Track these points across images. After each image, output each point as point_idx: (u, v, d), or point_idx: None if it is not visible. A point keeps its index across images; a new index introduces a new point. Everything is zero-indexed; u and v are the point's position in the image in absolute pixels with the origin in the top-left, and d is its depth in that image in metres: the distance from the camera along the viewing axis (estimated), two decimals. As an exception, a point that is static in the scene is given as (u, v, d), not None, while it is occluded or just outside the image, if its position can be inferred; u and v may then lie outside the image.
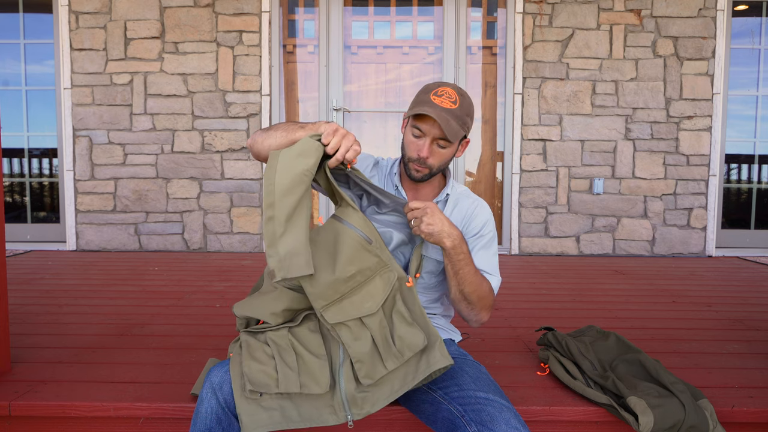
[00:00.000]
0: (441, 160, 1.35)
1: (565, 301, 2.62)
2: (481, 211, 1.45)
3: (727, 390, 1.52)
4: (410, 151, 1.35)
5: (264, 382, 1.11)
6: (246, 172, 3.92)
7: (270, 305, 1.22)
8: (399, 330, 1.17)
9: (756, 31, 4.06)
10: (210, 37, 3.85)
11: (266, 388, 1.11)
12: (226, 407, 1.11)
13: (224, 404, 1.11)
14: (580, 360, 1.52)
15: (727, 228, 4.15)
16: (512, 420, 1.07)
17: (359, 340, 1.15)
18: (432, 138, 1.31)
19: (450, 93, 1.30)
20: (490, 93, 4.06)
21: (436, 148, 1.32)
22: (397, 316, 1.19)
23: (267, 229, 1.09)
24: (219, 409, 1.11)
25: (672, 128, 3.92)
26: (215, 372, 1.16)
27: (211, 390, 1.13)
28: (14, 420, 1.41)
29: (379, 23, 4.04)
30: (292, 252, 1.08)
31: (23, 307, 2.33)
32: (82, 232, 3.95)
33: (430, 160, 1.33)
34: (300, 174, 1.11)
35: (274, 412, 1.11)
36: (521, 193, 3.95)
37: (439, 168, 1.37)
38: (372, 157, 1.51)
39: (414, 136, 1.33)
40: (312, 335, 1.19)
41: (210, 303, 2.46)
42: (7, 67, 4.05)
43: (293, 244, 1.09)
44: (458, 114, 1.29)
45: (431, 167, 1.34)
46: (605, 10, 3.86)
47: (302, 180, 1.11)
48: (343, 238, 1.18)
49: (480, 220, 1.43)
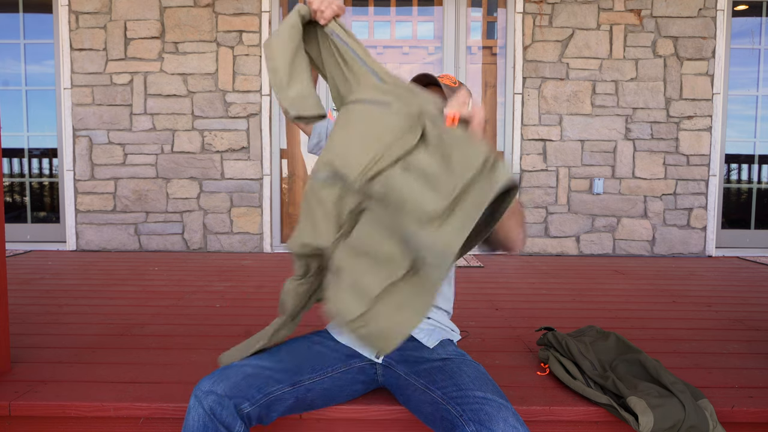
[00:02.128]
0: None
1: (565, 301, 2.62)
2: None
3: (727, 390, 1.52)
4: None
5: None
6: (246, 172, 3.92)
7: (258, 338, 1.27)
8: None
9: (756, 31, 4.06)
10: (210, 37, 3.85)
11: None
12: (212, 415, 1.10)
13: (210, 412, 1.11)
14: (580, 360, 1.52)
15: (727, 228, 4.15)
16: (510, 419, 1.07)
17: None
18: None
19: (451, 77, 1.36)
20: (490, 93, 4.06)
21: None
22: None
23: (274, 81, 1.16)
24: (206, 418, 1.10)
25: (672, 128, 3.92)
26: (204, 382, 1.15)
27: (195, 399, 1.12)
28: (14, 420, 1.41)
29: (379, 23, 4.04)
30: (301, 95, 1.15)
31: (23, 307, 2.33)
32: (82, 232, 3.95)
33: None
34: (288, 29, 1.17)
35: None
36: (521, 193, 3.95)
37: None
38: None
39: None
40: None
41: (210, 303, 2.46)
42: (7, 67, 4.06)
43: (300, 89, 1.15)
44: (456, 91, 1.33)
45: None
46: (605, 10, 3.86)
47: (291, 35, 1.17)
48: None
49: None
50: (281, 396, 1.19)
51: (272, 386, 1.18)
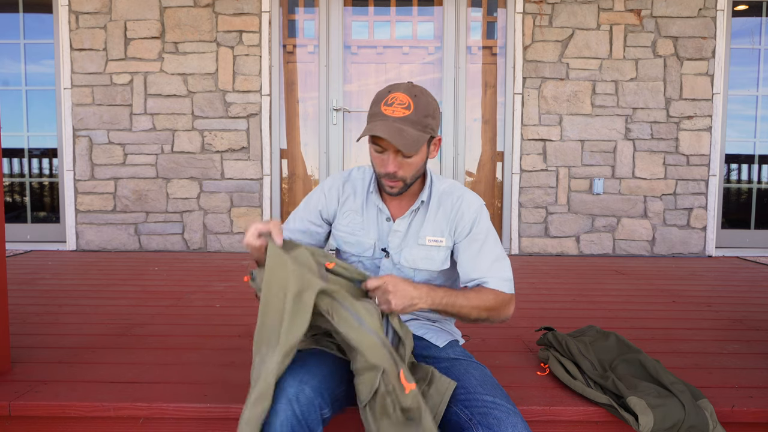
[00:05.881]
0: (412, 170, 1.28)
1: (565, 301, 2.62)
2: (467, 208, 1.34)
3: (727, 390, 1.52)
4: (378, 167, 1.29)
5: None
6: (246, 172, 3.92)
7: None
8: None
9: (756, 31, 4.06)
10: (210, 37, 3.85)
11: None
12: (302, 418, 1.04)
13: (300, 416, 1.04)
14: (580, 360, 1.52)
15: (727, 228, 4.15)
16: (519, 425, 1.08)
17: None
18: (394, 150, 1.24)
19: (401, 98, 1.22)
20: (490, 93, 4.06)
21: (402, 160, 1.25)
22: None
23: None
24: (294, 421, 1.04)
25: (672, 128, 3.92)
26: (290, 382, 1.07)
27: (287, 402, 1.04)
28: (14, 420, 1.41)
29: (379, 23, 4.04)
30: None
31: (23, 307, 2.33)
32: (82, 232, 3.95)
33: (400, 172, 1.26)
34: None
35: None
36: (521, 193, 3.95)
37: (414, 177, 1.30)
38: (339, 177, 1.45)
39: (376, 152, 1.27)
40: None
41: (210, 303, 2.46)
42: (7, 67, 4.05)
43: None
44: (414, 119, 1.21)
45: (404, 179, 1.28)
46: (605, 10, 3.86)
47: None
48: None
49: (467, 219, 1.34)
50: (340, 396, 1.18)
51: (339, 387, 1.18)
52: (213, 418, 1.39)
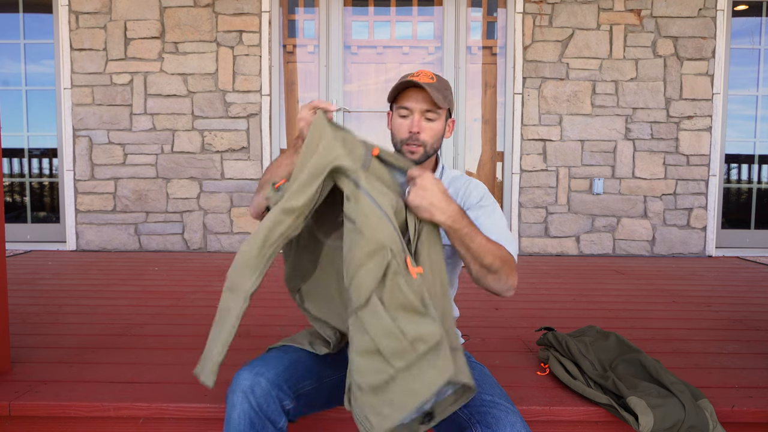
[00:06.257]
0: (433, 135, 1.33)
1: (565, 301, 2.62)
2: (476, 186, 1.38)
3: (727, 390, 1.52)
4: (401, 133, 1.34)
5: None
6: (246, 172, 3.92)
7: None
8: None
9: (756, 31, 4.06)
10: (210, 37, 3.85)
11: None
12: (259, 410, 1.08)
13: (257, 408, 1.08)
14: (580, 360, 1.52)
15: (727, 228, 4.15)
16: (518, 423, 1.08)
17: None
18: (420, 112, 1.31)
19: (426, 72, 1.33)
20: (490, 93, 4.06)
21: (425, 123, 1.32)
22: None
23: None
24: (252, 413, 1.08)
25: (672, 128, 3.92)
26: (244, 376, 1.12)
27: (242, 394, 1.09)
28: (14, 420, 1.41)
29: (379, 23, 4.04)
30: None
31: (23, 307, 2.33)
32: (82, 232, 3.95)
33: (422, 135, 1.32)
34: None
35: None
36: (521, 193, 3.95)
37: (432, 146, 1.35)
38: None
39: (401, 116, 1.34)
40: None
41: (210, 303, 2.46)
42: (7, 67, 4.05)
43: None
44: (438, 87, 1.30)
45: (425, 144, 1.33)
46: (605, 10, 3.86)
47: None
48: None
49: (477, 193, 1.36)
50: (308, 390, 1.19)
51: (304, 380, 1.19)
52: (213, 418, 1.39)
